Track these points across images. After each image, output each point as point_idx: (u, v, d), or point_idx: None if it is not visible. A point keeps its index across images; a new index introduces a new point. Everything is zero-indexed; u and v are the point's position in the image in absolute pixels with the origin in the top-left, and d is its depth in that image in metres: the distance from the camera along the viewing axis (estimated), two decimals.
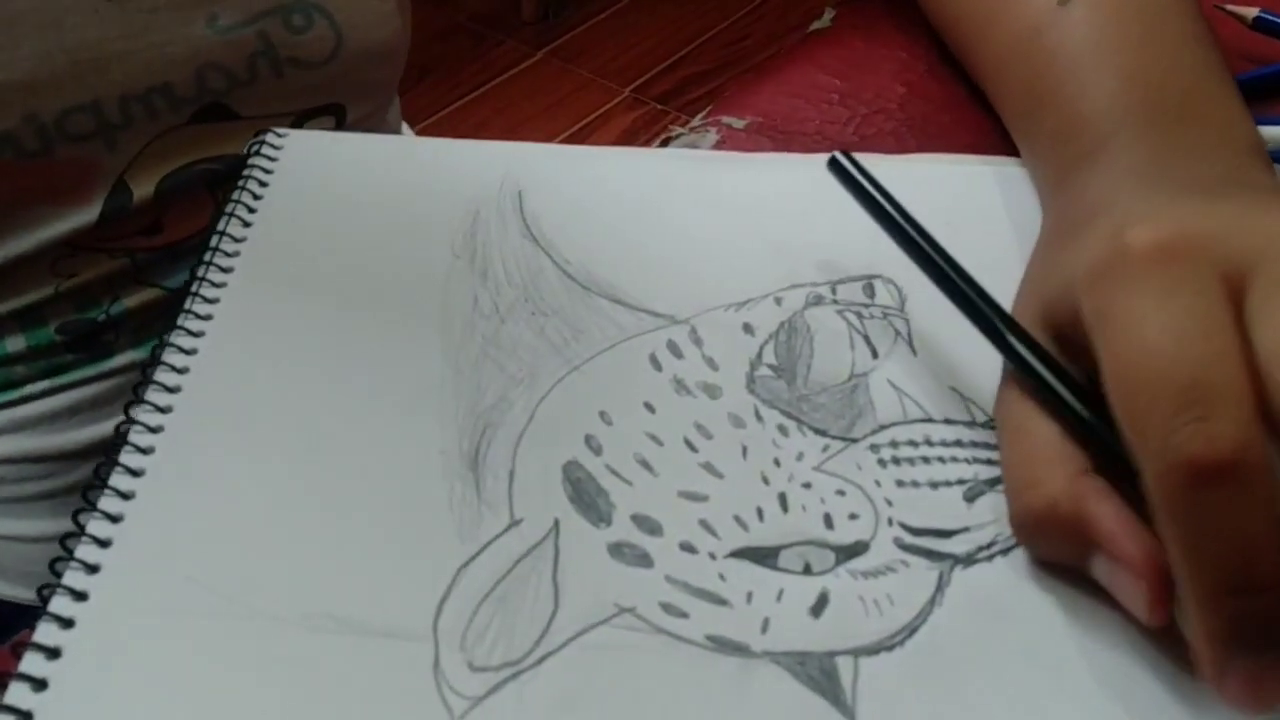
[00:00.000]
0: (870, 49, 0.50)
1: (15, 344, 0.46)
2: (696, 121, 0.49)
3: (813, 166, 0.37)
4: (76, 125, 0.41)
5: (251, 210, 0.35)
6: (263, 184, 0.36)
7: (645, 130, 1.58)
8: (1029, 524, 0.26)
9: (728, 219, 0.36)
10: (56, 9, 0.39)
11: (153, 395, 0.30)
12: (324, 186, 0.37)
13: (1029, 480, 0.26)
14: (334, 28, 0.45)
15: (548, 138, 1.55)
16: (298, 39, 0.45)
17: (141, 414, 0.29)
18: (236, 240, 0.34)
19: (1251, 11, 0.37)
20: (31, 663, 0.24)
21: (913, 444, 0.29)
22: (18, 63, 0.39)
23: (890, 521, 0.27)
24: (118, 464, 0.28)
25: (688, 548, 0.27)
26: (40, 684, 0.24)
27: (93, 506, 0.27)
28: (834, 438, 0.29)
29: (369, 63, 0.48)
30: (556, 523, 0.27)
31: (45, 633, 0.25)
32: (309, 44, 0.45)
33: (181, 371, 0.31)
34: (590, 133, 1.58)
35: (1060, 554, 0.26)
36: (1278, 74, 0.44)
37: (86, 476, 0.28)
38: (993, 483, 0.28)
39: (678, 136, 0.48)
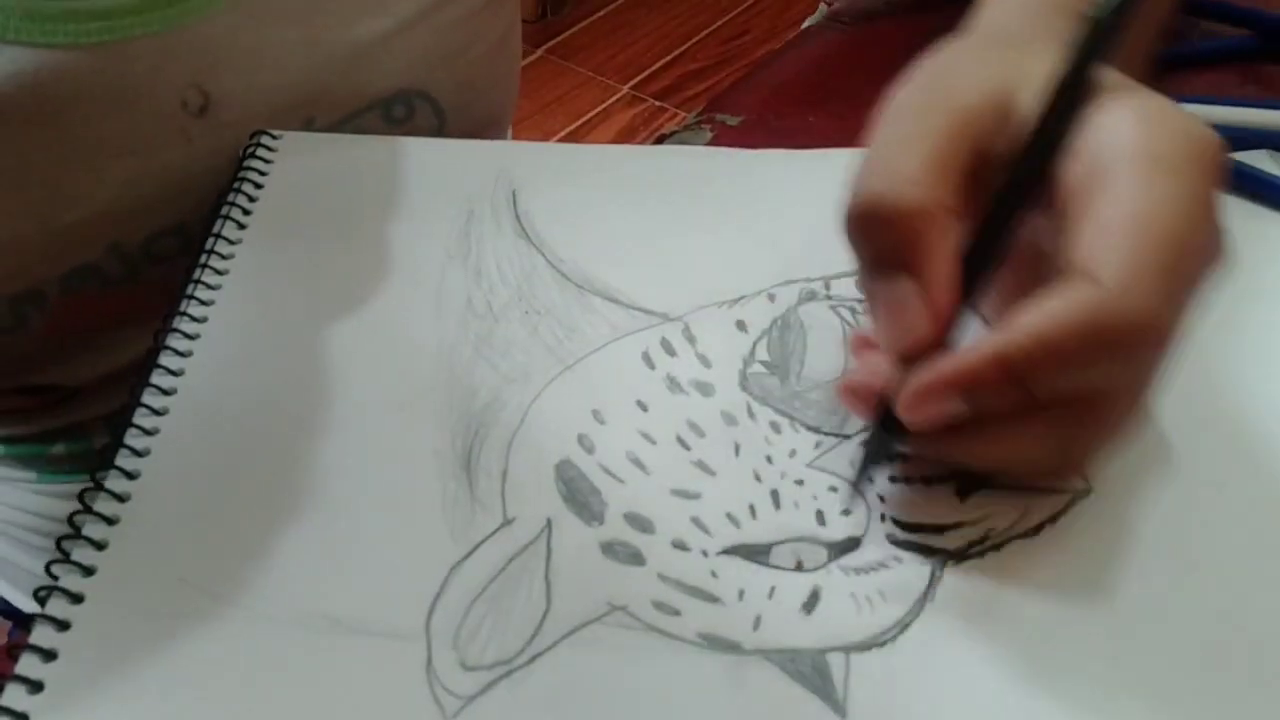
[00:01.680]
0: (863, 45, 0.50)
1: (102, 439, 0.43)
2: (690, 119, 0.49)
3: (805, 162, 0.38)
4: (162, 248, 0.39)
5: (247, 212, 0.35)
6: (258, 185, 0.36)
7: (644, 127, 1.58)
8: (879, 203, 0.25)
9: (721, 216, 0.36)
10: (144, 132, 0.37)
11: (148, 398, 0.30)
12: (318, 187, 0.37)
13: (903, 165, 0.25)
14: (436, 112, 0.43)
15: (546, 135, 1.55)
16: (396, 130, 0.43)
17: (138, 417, 0.29)
18: (231, 242, 0.34)
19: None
20: (28, 665, 0.25)
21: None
22: (103, 191, 0.37)
23: (883, 518, 0.28)
24: (114, 467, 0.28)
25: (680, 545, 0.27)
26: (36, 686, 0.24)
27: (89, 509, 0.27)
28: (827, 434, 0.29)
29: (473, 135, 0.45)
30: (549, 522, 0.27)
31: (41, 635, 0.25)
32: (410, 132, 0.43)
33: (176, 374, 0.31)
34: (589, 130, 1.57)
35: (865, 249, 0.26)
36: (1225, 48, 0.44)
37: None
38: (986, 478, 0.28)
39: (672, 135, 0.48)
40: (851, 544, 0.27)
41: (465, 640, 0.25)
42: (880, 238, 0.26)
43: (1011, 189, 0.26)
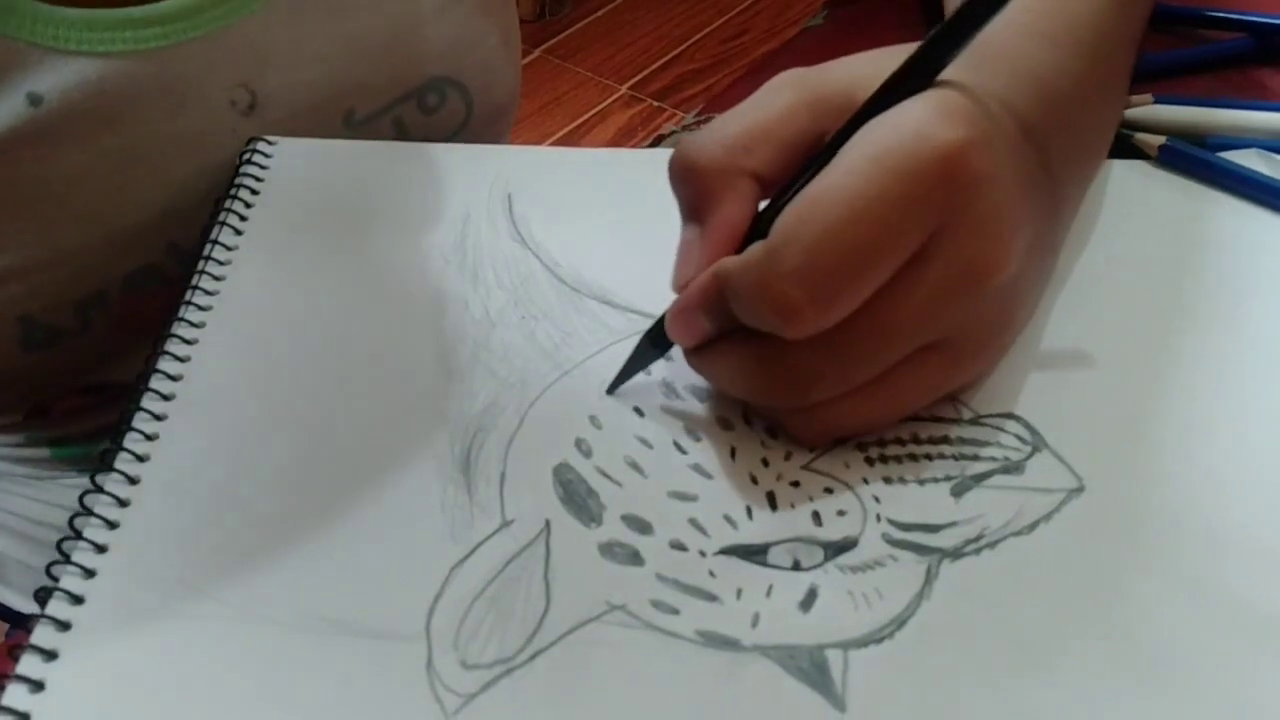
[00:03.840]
0: (864, 47, 0.50)
1: None
2: (689, 119, 0.49)
3: None
4: None
5: (243, 218, 0.36)
6: (254, 192, 0.37)
7: (642, 127, 1.58)
8: (687, 160, 0.28)
9: None
10: (197, 133, 0.38)
11: (148, 402, 0.30)
12: (315, 193, 0.37)
13: (724, 130, 0.28)
14: (465, 99, 0.45)
15: (544, 135, 1.55)
16: (431, 118, 0.44)
17: (138, 421, 0.30)
18: (229, 249, 0.35)
19: (1159, 139, 0.38)
20: (29, 665, 0.25)
21: (900, 442, 0.29)
22: (162, 193, 0.38)
23: (878, 518, 0.28)
24: (114, 469, 0.29)
25: (678, 546, 0.27)
26: (37, 685, 0.25)
27: (90, 511, 0.28)
28: None
29: (493, 121, 0.47)
30: (547, 523, 0.28)
31: (42, 635, 0.25)
32: (442, 120, 0.45)
33: (176, 379, 0.31)
34: (587, 130, 1.58)
35: (677, 197, 0.29)
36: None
37: None
38: (980, 478, 0.28)
39: (671, 134, 0.48)
40: (848, 543, 0.27)
41: (465, 639, 0.25)
42: (682, 189, 0.29)
43: (809, 163, 0.28)
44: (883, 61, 0.28)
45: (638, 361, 0.31)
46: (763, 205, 0.29)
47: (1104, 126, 0.35)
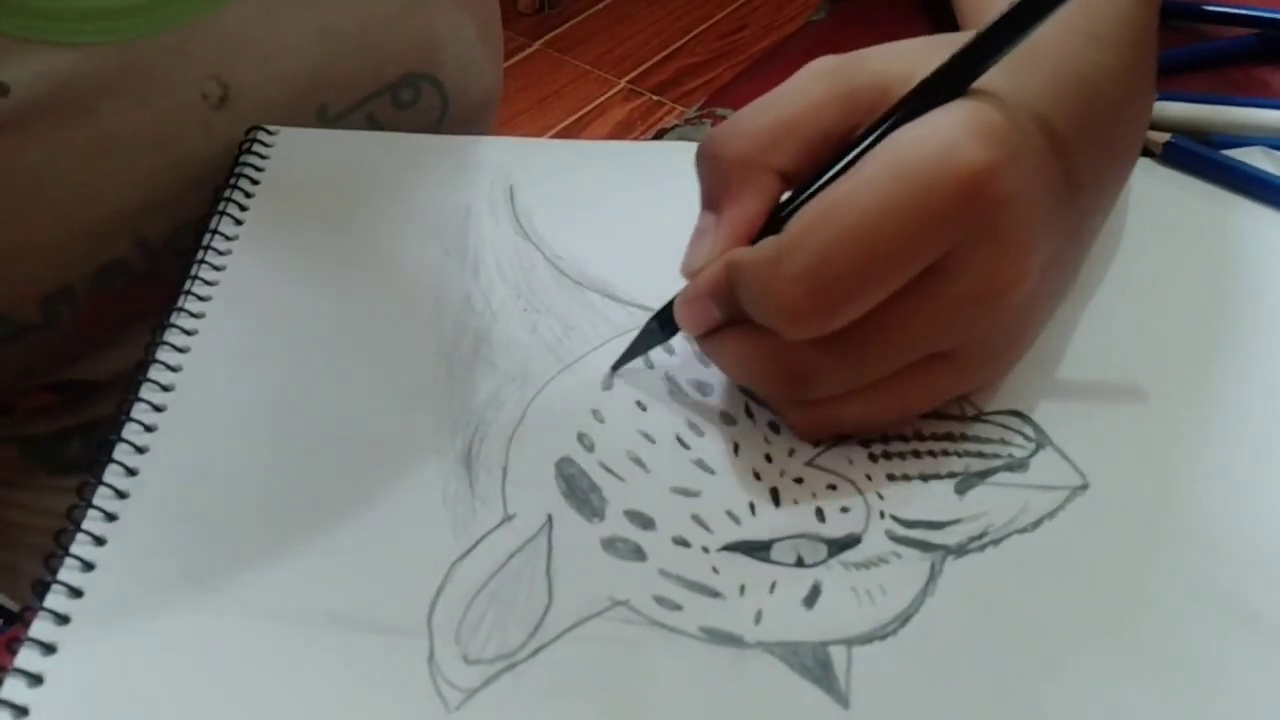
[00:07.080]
0: (866, 41, 0.50)
1: None
2: (691, 113, 0.49)
3: None
4: (183, 241, 0.39)
5: (243, 208, 0.35)
6: (254, 181, 0.36)
7: (641, 121, 1.58)
8: (713, 149, 0.28)
9: None
10: (167, 126, 0.37)
11: (147, 393, 0.30)
12: (315, 184, 0.37)
13: (752, 120, 0.28)
14: (441, 95, 0.44)
15: (543, 129, 1.55)
16: (405, 114, 0.43)
17: (136, 412, 0.29)
18: (229, 239, 0.34)
19: (1163, 137, 0.38)
20: (27, 658, 0.25)
21: (904, 439, 0.29)
22: (131, 187, 0.38)
23: (882, 514, 0.28)
24: (113, 461, 0.28)
25: (680, 542, 0.27)
26: (36, 679, 0.24)
27: (89, 504, 0.27)
28: None
29: (471, 119, 0.47)
30: (550, 518, 0.28)
31: (41, 629, 0.25)
32: (416, 117, 0.44)
33: (175, 370, 0.31)
34: (586, 124, 1.57)
35: (700, 183, 0.29)
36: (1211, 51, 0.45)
37: None
38: (984, 475, 0.28)
39: (673, 129, 0.48)
40: (851, 540, 0.27)
41: (467, 634, 0.25)
42: (705, 178, 0.29)
43: (835, 159, 0.27)
44: (922, 53, 0.27)
45: (643, 343, 0.31)
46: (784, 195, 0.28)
47: (1137, 128, 0.34)
